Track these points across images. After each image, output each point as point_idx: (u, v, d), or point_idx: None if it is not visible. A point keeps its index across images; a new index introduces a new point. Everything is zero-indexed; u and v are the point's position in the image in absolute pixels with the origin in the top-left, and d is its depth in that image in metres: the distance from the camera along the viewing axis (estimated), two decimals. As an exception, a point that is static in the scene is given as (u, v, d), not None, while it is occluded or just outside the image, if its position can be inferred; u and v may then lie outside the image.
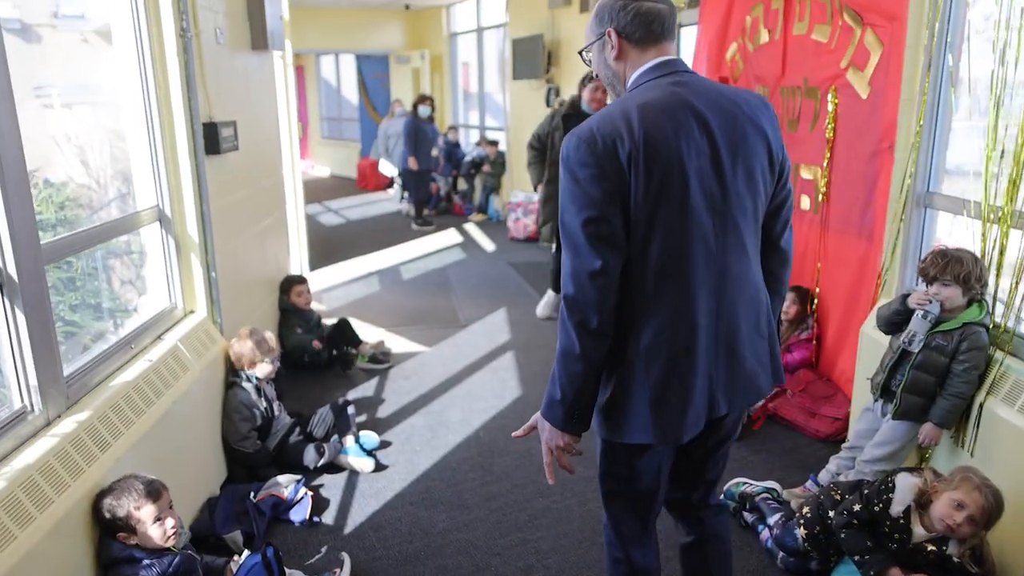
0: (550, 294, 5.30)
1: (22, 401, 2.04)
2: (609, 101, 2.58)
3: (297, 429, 3.31)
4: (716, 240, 1.56)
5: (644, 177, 1.47)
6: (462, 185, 9.88)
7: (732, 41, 4.65)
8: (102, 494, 2.09)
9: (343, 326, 4.47)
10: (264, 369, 3.17)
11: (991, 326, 2.59)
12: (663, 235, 1.51)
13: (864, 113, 3.30)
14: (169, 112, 2.92)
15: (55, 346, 2.13)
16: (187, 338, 2.90)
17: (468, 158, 9.70)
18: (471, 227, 8.95)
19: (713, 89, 1.59)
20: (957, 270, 2.54)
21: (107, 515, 2.06)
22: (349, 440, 3.30)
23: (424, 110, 8.54)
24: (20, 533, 1.77)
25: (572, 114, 4.57)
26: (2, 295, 1.96)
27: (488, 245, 7.96)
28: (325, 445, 3.19)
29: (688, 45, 5.55)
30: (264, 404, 3.16)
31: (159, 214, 2.94)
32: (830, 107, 3.52)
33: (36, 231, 2.06)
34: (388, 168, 11.30)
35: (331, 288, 6.23)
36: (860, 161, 3.35)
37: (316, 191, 12.33)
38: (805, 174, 3.83)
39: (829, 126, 3.53)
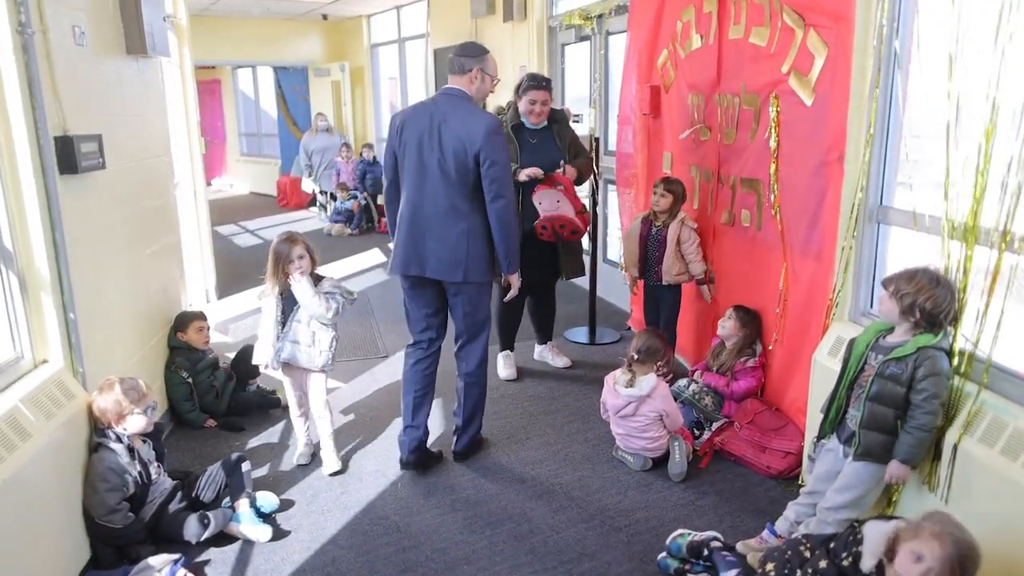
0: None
1: None
2: (522, 110, 3.99)
3: (180, 494, 2.83)
4: (421, 175, 3.00)
5: (399, 139, 3.05)
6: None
7: (663, 48, 4.38)
8: None
9: (246, 355, 4.00)
10: (136, 423, 2.68)
11: (953, 352, 2.34)
12: (404, 168, 3.05)
13: (809, 122, 3.04)
14: (7, 124, 2.43)
15: None
16: (32, 396, 2.40)
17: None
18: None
19: (445, 104, 3.01)
20: (900, 286, 2.29)
21: None
22: (242, 504, 2.83)
23: None
24: None
25: (519, 124, 4.08)
26: None
27: (414, 265, 7.53)
28: (210, 514, 2.72)
29: (618, 52, 5.29)
30: (138, 468, 2.67)
31: (-3, 247, 2.44)
32: (772, 115, 3.26)
33: None
34: (310, 185, 10.76)
35: (239, 317, 5.69)
36: (806, 174, 3.09)
37: (234, 210, 11.67)
38: (744, 187, 3.57)
39: (772, 135, 3.26)
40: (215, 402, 3.78)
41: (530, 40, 6.54)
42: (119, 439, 2.64)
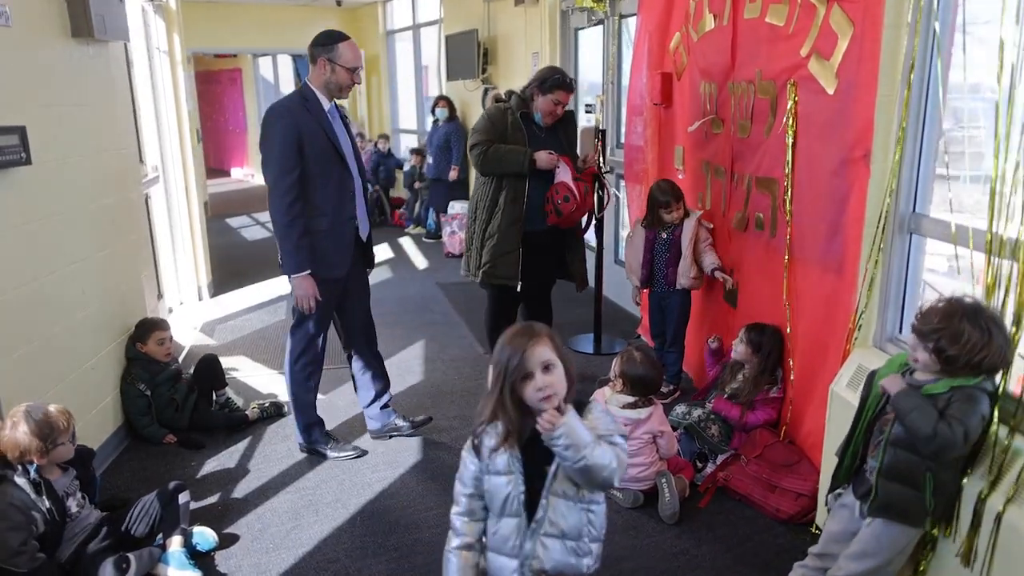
0: None
1: None
2: (542, 109, 3.63)
3: (105, 531, 2.51)
4: None
5: None
6: (404, 195, 9.14)
7: (676, 30, 3.96)
8: None
9: (208, 366, 3.70)
10: (64, 453, 2.38)
11: (999, 396, 1.91)
12: None
13: (830, 113, 2.61)
14: None
15: None
16: (-80, 425, 2.11)
17: (407, 168, 8.91)
18: (406, 241, 8.20)
19: None
20: (942, 345, 1.84)
21: None
22: (174, 542, 2.52)
23: (441, 112, 7.66)
24: None
25: (527, 112, 3.74)
26: None
27: (420, 262, 7.22)
28: (132, 556, 2.41)
29: (632, 36, 4.86)
30: (47, 504, 2.36)
31: None
32: (789, 105, 2.83)
33: None
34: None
35: (228, 317, 5.42)
36: (825, 174, 2.66)
37: (249, 201, 11.48)
38: (759, 188, 3.14)
39: (790, 129, 2.83)
40: (175, 416, 3.49)
41: (543, 25, 6.14)
42: (26, 472, 2.33)
